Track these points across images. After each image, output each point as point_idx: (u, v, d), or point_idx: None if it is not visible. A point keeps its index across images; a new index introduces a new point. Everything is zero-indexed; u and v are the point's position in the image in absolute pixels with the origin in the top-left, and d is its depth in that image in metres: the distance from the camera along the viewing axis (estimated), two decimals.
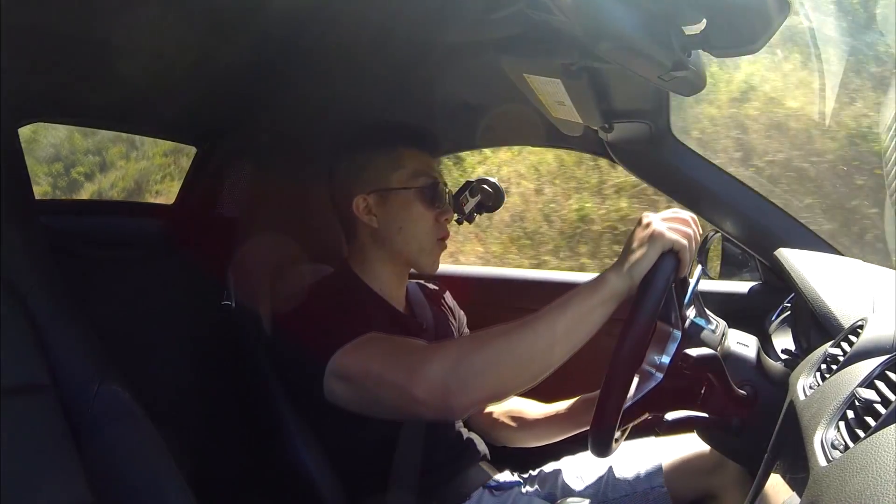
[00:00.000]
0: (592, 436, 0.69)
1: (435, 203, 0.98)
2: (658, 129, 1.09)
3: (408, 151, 1.00)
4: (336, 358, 0.79)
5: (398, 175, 0.98)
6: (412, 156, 1.00)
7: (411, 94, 1.11)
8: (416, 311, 1.05)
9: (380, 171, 0.99)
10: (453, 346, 0.74)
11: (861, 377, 0.53)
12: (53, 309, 0.71)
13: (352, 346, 0.79)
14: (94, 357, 0.71)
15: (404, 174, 0.98)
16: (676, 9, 0.55)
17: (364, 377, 0.78)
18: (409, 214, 0.98)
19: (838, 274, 0.95)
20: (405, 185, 0.98)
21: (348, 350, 0.79)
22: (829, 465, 0.43)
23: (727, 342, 0.82)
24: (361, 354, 0.79)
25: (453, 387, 0.69)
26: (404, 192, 0.98)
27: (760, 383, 0.78)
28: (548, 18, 0.64)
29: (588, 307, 0.68)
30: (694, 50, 0.59)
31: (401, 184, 0.98)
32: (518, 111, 1.10)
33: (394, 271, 1.02)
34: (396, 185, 0.98)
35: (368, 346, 0.79)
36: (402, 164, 0.98)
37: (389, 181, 0.98)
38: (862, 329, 0.63)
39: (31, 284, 0.70)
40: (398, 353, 0.77)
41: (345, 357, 0.79)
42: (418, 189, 0.97)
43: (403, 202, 0.98)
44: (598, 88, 0.87)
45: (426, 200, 0.98)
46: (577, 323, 0.68)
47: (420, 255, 0.99)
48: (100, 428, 0.67)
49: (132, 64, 0.92)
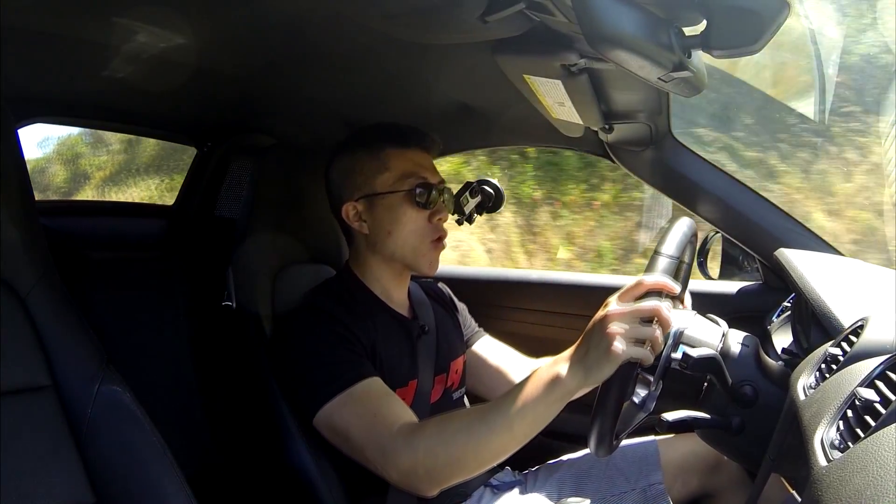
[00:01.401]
0: (592, 436, 0.69)
1: (426, 204, 0.95)
2: (658, 129, 1.09)
3: (394, 152, 0.96)
4: (324, 410, 0.84)
5: (383, 178, 0.95)
6: (398, 156, 0.96)
7: (410, 96, 1.11)
8: (418, 313, 1.04)
9: (366, 176, 0.96)
10: (421, 438, 0.76)
11: (861, 377, 0.53)
12: (53, 309, 0.70)
13: (342, 398, 0.83)
14: (94, 357, 0.71)
15: (390, 177, 0.95)
16: (676, 10, 0.55)
17: (345, 439, 0.83)
18: (398, 218, 0.95)
19: (838, 274, 0.95)
20: (391, 188, 0.95)
21: (337, 404, 0.83)
22: (829, 465, 0.43)
23: (727, 342, 0.82)
24: (346, 416, 0.83)
25: (422, 476, 0.76)
26: (391, 196, 0.95)
27: (760, 383, 0.78)
28: (547, 19, 0.64)
29: (544, 405, 0.71)
30: (694, 51, 0.59)
31: (387, 187, 0.95)
32: (518, 112, 1.10)
33: (392, 275, 1.00)
34: (382, 189, 0.95)
35: (354, 405, 0.83)
36: (388, 167, 0.96)
37: (375, 186, 0.96)
38: (862, 329, 0.63)
39: (31, 284, 0.70)
40: (377, 431, 0.79)
41: (332, 412, 0.83)
42: (406, 192, 0.95)
43: (390, 206, 0.95)
44: (599, 89, 0.87)
45: (415, 202, 0.94)
46: (533, 418, 0.72)
47: (416, 258, 0.97)
48: (100, 428, 0.67)
49: (132, 65, 0.92)
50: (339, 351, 0.86)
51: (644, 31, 0.53)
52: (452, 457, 0.74)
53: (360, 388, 0.83)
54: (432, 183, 0.96)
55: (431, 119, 1.15)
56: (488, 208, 1.16)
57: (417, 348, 0.98)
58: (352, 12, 0.70)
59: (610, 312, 0.68)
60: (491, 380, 1.12)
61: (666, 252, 0.74)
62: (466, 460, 0.75)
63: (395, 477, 0.78)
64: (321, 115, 1.21)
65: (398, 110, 1.16)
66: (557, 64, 0.75)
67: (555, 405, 0.71)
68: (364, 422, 0.81)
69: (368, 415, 0.81)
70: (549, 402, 0.70)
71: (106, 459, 0.67)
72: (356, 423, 0.81)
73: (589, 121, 0.97)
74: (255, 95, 1.11)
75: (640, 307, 0.67)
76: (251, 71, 0.98)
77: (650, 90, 0.91)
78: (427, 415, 0.97)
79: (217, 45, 0.86)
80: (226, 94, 1.10)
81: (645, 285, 0.69)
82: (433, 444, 0.75)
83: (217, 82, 1.03)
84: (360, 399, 0.83)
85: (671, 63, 0.57)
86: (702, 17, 0.54)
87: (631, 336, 0.66)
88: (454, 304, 1.17)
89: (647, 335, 0.67)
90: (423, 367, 0.97)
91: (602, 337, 0.67)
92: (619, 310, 0.68)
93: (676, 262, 0.74)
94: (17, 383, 0.65)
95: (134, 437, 0.69)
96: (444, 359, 1.03)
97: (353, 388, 0.83)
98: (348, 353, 0.86)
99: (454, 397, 1.05)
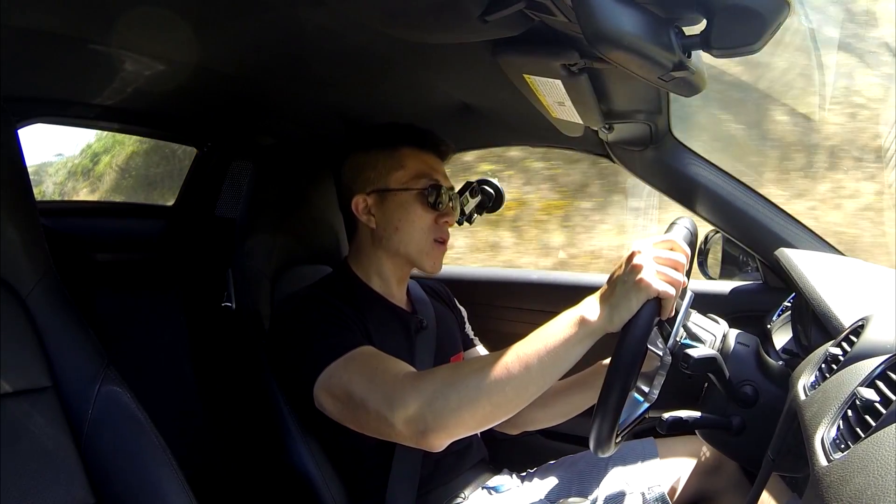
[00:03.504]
0: (593, 434, 0.69)
1: (435, 205, 0.98)
2: (658, 129, 1.09)
3: (410, 152, 0.99)
4: (324, 374, 0.81)
5: (398, 175, 0.98)
6: (414, 157, 0.99)
7: (411, 96, 1.11)
8: (417, 308, 1.05)
9: (380, 171, 0.98)
10: (430, 381, 0.73)
11: (862, 377, 0.52)
12: (54, 309, 0.71)
13: (342, 361, 0.81)
14: (94, 358, 0.71)
15: (404, 175, 0.98)
16: (676, 9, 0.55)
17: (347, 398, 0.79)
18: (407, 215, 0.97)
19: (838, 274, 0.95)
20: (405, 185, 0.97)
21: (336, 367, 0.81)
22: (829, 465, 0.43)
23: (727, 342, 0.82)
24: (347, 374, 0.80)
25: (430, 422, 0.71)
26: (403, 193, 0.97)
27: (761, 383, 0.78)
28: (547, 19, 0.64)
29: (564, 346, 0.68)
30: (694, 50, 0.59)
31: (400, 184, 0.98)
32: (518, 112, 1.10)
33: (393, 271, 1.02)
34: (396, 185, 0.98)
35: (355, 364, 0.81)
36: (403, 165, 0.98)
37: (389, 181, 0.98)
38: (863, 329, 0.63)
39: (31, 285, 0.70)
40: (381, 379, 0.77)
41: (332, 374, 0.81)
42: (418, 191, 0.97)
43: (401, 203, 0.97)
44: (599, 89, 0.87)
45: (425, 202, 0.97)
46: (553, 360, 0.68)
47: (419, 255, 0.99)
48: (100, 428, 0.68)
49: (133, 65, 0.92)
50: (333, 328, 0.86)
51: (644, 30, 0.53)
52: (465, 399, 0.69)
53: (358, 352, 0.82)
54: (443, 186, 0.99)
55: (432, 119, 1.15)
56: (488, 208, 1.16)
57: (416, 343, 0.99)
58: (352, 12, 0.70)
59: (641, 250, 0.69)
60: None
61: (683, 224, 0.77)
62: (480, 403, 0.69)
63: (401, 426, 0.72)
64: (321, 115, 1.21)
65: (398, 110, 1.16)
66: (557, 64, 0.75)
67: (577, 347, 0.68)
68: (366, 377, 0.78)
69: (369, 370, 0.79)
70: (571, 342, 0.68)
71: (106, 460, 0.67)
72: (357, 379, 0.78)
73: (589, 120, 0.97)
74: (255, 95, 1.11)
75: (670, 254, 0.69)
76: (251, 71, 0.98)
77: (650, 90, 0.91)
78: None
79: (217, 44, 0.86)
80: (226, 94, 1.10)
81: (676, 244, 0.71)
82: (443, 386, 0.71)
83: (217, 82, 1.03)
84: (360, 360, 0.81)
85: (671, 63, 0.57)
86: (702, 17, 0.54)
87: (660, 273, 0.67)
88: (456, 306, 1.18)
89: (673, 277, 0.68)
90: (421, 361, 0.98)
91: (631, 269, 0.67)
92: (651, 250, 0.69)
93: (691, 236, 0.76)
94: (17, 385, 0.65)
95: (134, 438, 0.69)
96: (444, 354, 1.03)
97: (351, 352, 0.82)
98: (343, 329, 0.86)
99: None
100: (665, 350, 0.74)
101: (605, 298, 0.69)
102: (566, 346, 0.68)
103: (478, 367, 0.71)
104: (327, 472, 0.91)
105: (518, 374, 0.68)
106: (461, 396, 0.69)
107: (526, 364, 0.68)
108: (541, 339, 0.69)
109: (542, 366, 0.68)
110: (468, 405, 0.70)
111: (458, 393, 0.70)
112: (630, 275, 0.68)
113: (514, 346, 0.71)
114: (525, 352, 0.69)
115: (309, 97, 1.12)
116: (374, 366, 0.80)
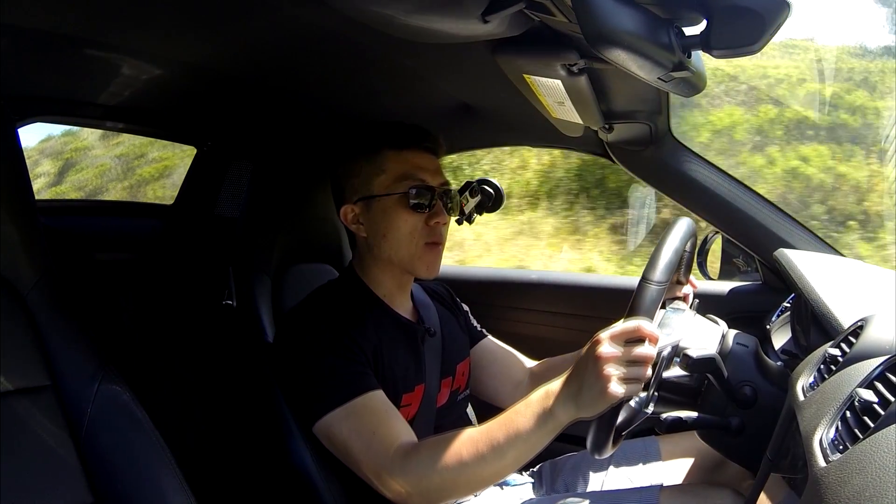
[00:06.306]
0: (591, 435, 0.69)
1: (419, 207, 0.92)
2: (658, 129, 1.09)
3: (391, 154, 0.94)
4: (324, 421, 0.84)
5: (380, 180, 0.93)
6: (395, 158, 0.94)
7: (411, 96, 1.11)
8: (422, 315, 1.02)
9: (363, 178, 0.95)
10: (416, 462, 0.79)
11: (860, 378, 0.53)
12: (53, 308, 0.71)
13: (342, 412, 0.83)
14: (93, 357, 0.71)
15: (386, 179, 0.93)
16: (676, 10, 0.55)
17: (344, 452, 0.84)
18: (392, 221, 0.92)
19: (838, 274, 0.95)
20: (387, 190, 0.93)
21: (337, 417, 0.83)
22: (828, 466, 0.43)
23: (727, 342, 0.82)
24: (346, 429, 0.83)
25: (415, 499, 0.80)
26: (386, 199, 0.92)
27: (760, 383, 0.78)
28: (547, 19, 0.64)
29: (537, 436, 0.73)
30: (694, 51, 0.59)
31: (383, 189, 0.93)
32: (518, 111, 1.10)
33: (393, 278, 0.98)
34: (378, 191, 0.93)
35: (355, 420, 0.83)
36: (385, 169, 0.94)
37: (372, 188, 0.94)
38: (862, 330, 0.63)
39: (31, 284, 0.70)
40: (375, 450, 0.81)
41: (331, 424, 0.84)
42: (401, 194, 0.92)
43: (384, 208, 0.93)
44: (598, 89, 0.87)
45: (409, 205, 0.92)
46: (524, 450, 0.74)
47: (411, 262, 0.95)
48: (99, 427, 0.68)
49: (133, 65, 0.92)
50: (340, 361, 0.85)
51: (644, 30, 0.53)
52: (445, 481, 0.77)
53: (361, 402, 0.84)
54: (431, 185, 0.94)
55: (432, 119, 1.15)
56: (488, 208, 1.16)
57: (423, 352, 0.97)
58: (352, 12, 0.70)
59: (604, 355, 0.67)
60: (493, 382, 1.11)
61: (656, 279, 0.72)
62: (458, 486, 0.78)
63: (390, 496, 0.81)
64: (321, 114, 1.21)
65: (398, 110, 1.16)
66: (557, 64, 0.75)
67: (546, 437, 0.73)
68: (363, 439, 0.82)
69: (367, 432, 0.82)
70: (540, 434, 0.72)
71: (105, 459, 0.67)
72: (355, 438, 0.83)
73: (589, 120, 0.98)
74: (255, 95, 1.10)
75: (636, 353, 0.67)
76: (251, 71, 0.98)
77: (650, 90, 0.91)
78: (433, 418, 0.97)
79: (217, 44, 0.86)
80: (226, 94, 1.09)
81: (642, 332, 0.68)
82: (426, 469, 0.78)
83: (217, 82, 1.03)
84: (360, 414, 0.83)
85: (671, 63, 0.57)
86: (702, 17, 0.54)
87: (625, 377, 0.67)
88: (458, 306, 1.16)
89: (639, 376, 0.67)
90: (429, 371, 0.97)
91: (597, 378, 0.67)
92: (613, 353, 0.67)
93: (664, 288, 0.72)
94: (16, 384, 0.65)
95: (133, 437, 0.69)
96: (451, 362, 1.02)
97: (353, 401, 0.83)
98: (350, 363, 0.86)
99: (459, 399, 1.05)
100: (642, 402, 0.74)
101: (571, 395, 0.70)
102: (537, 437, 0.73)
103: (456, 451, 0.77)
104: (329, 474, 0.90)
105: (492, 461, 0.75)
106: (442, 478, 0.77)
107: (499, 453, 0.74)
108: (513, 428, 0.74)
109: (513, 453, 0.74)
110: (449, 487, 0.78)
111: (440, 476, 0.77)
112: (596, 383, 0.67)
113: (487, 431, 0.76)
114: (498, 441, 0.74)
115: (309, 97, 1.12)
116: (373, 429, 0.82)
